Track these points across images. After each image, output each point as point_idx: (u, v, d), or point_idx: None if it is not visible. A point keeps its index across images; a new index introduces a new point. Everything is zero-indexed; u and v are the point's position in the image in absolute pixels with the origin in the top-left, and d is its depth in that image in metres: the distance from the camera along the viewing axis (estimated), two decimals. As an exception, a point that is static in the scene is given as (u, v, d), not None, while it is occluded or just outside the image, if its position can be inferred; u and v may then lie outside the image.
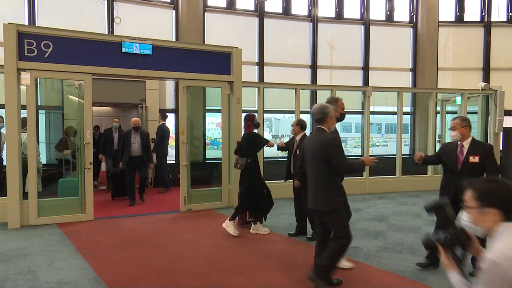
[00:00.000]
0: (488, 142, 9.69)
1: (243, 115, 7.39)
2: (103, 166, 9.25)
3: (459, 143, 4.06)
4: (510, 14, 12.28)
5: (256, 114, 6.52)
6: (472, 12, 12.30)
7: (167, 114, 9.04)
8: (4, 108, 5.74)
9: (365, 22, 11.65)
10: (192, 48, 7.02)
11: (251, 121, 5.53)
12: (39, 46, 5.84)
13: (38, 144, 6.67)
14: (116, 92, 8.94)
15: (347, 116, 4.35)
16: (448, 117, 11.05)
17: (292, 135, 5.68)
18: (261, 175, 5.70)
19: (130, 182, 7.35)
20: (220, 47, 7.24)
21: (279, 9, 11.08)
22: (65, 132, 7.42)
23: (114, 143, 8.42)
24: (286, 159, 5.77)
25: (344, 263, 4.10)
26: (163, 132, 8.60)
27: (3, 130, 6.23)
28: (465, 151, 3.99)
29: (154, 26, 9.70)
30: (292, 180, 5.36)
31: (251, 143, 5.46)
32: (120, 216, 6.52)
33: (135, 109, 10.05)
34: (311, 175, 3.58)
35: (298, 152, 5.15)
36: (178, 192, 6.92)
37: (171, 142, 9.33)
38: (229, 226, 5.38)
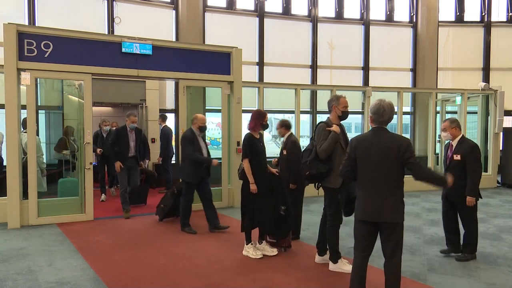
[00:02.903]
0: (486, 142, 9.70)
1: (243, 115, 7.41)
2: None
3: (451, 142, 4.48)
4: (510, 14, 12.28)
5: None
6: (472, 12, 12.31)
7: (166, 114, 9.01)
8: (4, 108, 5.74)
9: (365, 22, 11.65)
10: (192, 48, 7.02)
11: (260, 119, 4.72)
12: (39, 46, 5.84)
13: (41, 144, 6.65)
14: (116, 92, 8.94)
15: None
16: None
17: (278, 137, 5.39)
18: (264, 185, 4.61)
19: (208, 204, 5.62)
20: (220, 47, 7.24)
21: (279, 9, 11.09)
22: (65, 132, 7.38)
23: (131, 147, 6.57)
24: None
25: (346, 267, 4.05)
26: (168, 135, 8.57)
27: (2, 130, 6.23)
28: (453, 149, 4.41)
29: (154, 26, 9.71)
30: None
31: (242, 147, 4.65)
32: (120, 216, 6.50)
33: (135, 109, 10.05)
34: (377, 181, 3.03)
35: (284, 153, 5.06)
36: (178, 192, 6.92)
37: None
38: (251, 252, 4.53)
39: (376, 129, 3.12)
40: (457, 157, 4.29)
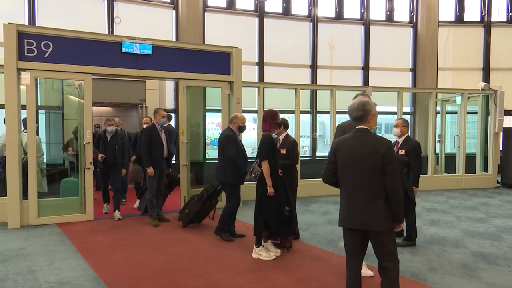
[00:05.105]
0: (486, 142, 9.70)
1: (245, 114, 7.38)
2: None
3: (398, 139, 5.07)
4: (510, 14, 12.28)
5: (256, 114, 6.25)
6: (472, 12, 12.31)
7: (172, 115, 8.98)
8: (4, 108, 5.74)
9: (365, 22, 11.65)
10: (192, 48, 7.02)
11: (274, 119, 4.61)
12: (39, 46, 5.84)
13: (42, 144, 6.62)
14: (116, 92, 8.95)
15: (347, 116, 4.34)
16: (448, 117, 11.05)
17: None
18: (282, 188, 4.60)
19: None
20: (220, 47, 7.24)
21: (279, 9, 11.09)
22: (74, 132, 7.31)
23: (164, 148, 6.06)
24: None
25: (366, 271, 3.92)
26: (165, 131, 8.48)
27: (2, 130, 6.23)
28: (399, 146, 5.02)
29: (154, 26, 9.71)
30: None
31: (261, 147, 4.54)
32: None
33: (135, 109, 10.06)
34: (357, 187, 2.82)
35: (282, 151, 5.02)
36: (178, 192, 6.91)
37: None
38: (263, 255, 4.50)
39: (357, 131, 2.92)
40: (402, 152, 4.92)
